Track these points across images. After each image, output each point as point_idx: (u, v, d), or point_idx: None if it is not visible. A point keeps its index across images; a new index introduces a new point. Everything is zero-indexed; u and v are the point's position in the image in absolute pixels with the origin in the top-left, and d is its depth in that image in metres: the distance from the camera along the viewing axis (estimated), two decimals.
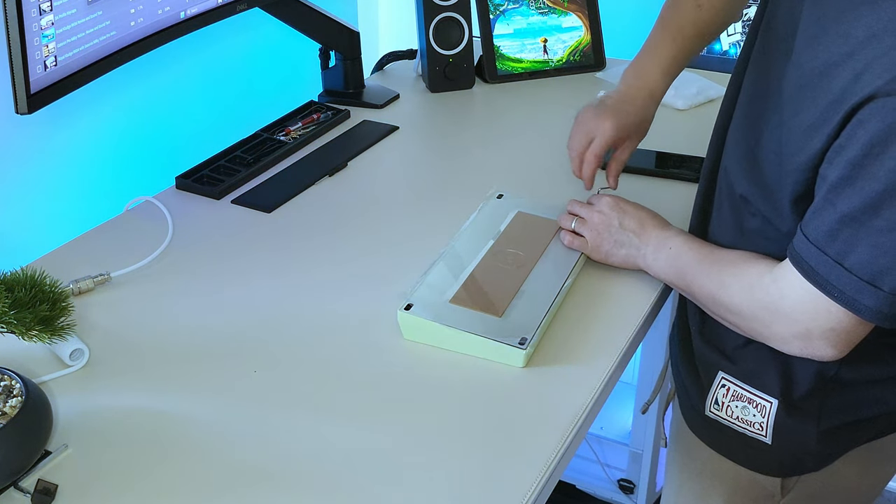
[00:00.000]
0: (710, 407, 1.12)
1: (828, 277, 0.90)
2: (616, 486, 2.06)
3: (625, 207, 1.22)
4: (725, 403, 1.10)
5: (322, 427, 1.00)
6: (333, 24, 1.75)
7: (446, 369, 1.07)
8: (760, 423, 1.08)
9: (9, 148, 1.37)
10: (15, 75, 1.15)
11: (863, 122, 0.84)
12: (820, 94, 0.88)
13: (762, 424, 1.07)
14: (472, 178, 1.50)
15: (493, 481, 0.93)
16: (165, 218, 1.36)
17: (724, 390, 1.10)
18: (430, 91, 1.84)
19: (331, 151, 1.59)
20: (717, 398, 1.11)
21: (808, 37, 0.91)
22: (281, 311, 1.18)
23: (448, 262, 1.20)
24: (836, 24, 0.87)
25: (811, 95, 0.90)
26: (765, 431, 1.08)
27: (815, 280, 0.91)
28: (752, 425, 1.08)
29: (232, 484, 0.92)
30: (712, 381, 1.12)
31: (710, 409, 1.12)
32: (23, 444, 0.89)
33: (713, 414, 1.12)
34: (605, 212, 1.22)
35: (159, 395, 1.04)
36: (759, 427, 1.08)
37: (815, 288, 0.91)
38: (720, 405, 1.11)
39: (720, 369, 1.11)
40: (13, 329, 0.89)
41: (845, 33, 0.86)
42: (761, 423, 1.07)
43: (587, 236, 1.22)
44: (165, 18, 1.39)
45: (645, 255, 1.17)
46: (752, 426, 1.08)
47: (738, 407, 1.09)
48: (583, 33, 1.91)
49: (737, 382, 1.09)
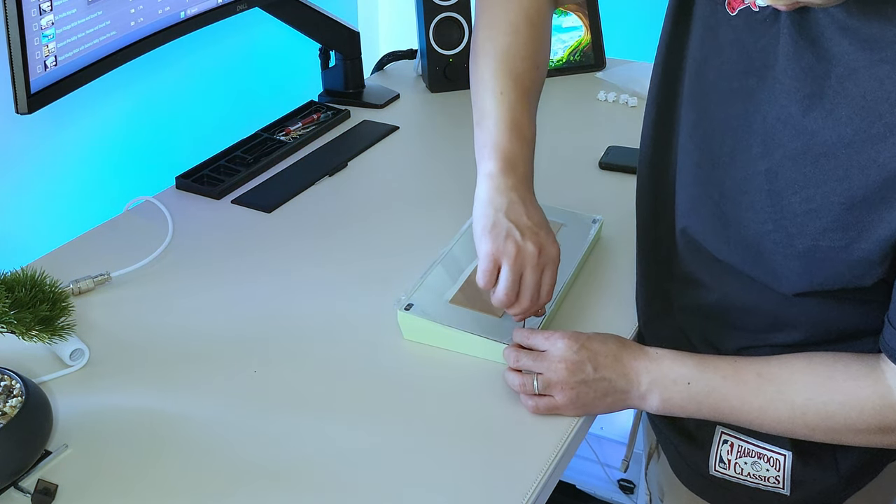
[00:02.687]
0: (716, 466, 1.04)
1: None
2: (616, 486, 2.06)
3: (589, 345, 0.98)
4: (732, 461, 1.02)
5: (322, 426, 1.00)
6: (333, 24, 1.75)
7: (446, 369, 1.07)
8: (776, 476, 1.00)
9: (9, 148, 1.37)
10: (15, 75, 1.15)
11: None
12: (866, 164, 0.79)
13: (778, 478, 1.00)
14: (472, 179, 1.49)
15: (493, 481, 0.93)
16: (165, 218, 1.36)
17: (727, 447, 1.02)
18: (430, 91, 1.84)
19: (331, 151, 1.59)
20: (721, 456, 1.03)
21: None
22: (281, 310, 1.18)
23: (448, 263, 1.20)
24: None
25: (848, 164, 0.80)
26: (782, 484, 1.01)
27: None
28: (766, 480, 1.01)
29: (232, 483, 0.92)
30: (710, 437, 1.03)
31: (715, 468, 1.04)
32: (23, 444, 0.89)
33: (720, 473, 1.04)
34: (569, 359, 0.97)
35: (159, 395, 1.04)
36: (775, 480, 1.01)
37: None
38: (726, 463, 1.03)
39: (717, 424, 1.02)
40: (13, 329, 0.89)
41: None
42: (777, 476, 1.00)
43: (559, 399, 0.98)
44: (165, 18, 1.39)
45: (643, 397, 0.97)
46: (767, 481, 1.01)
47: (747, 463, 1.01)
48: (583, 33, 1.91)
49: (741, 437, 1.01)
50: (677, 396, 0.96)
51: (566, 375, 0.97)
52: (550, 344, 0.99)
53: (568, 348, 0.98)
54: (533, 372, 0.99)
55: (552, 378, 0.98)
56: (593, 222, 1.30)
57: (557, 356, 0.98)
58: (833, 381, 0.90)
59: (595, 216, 1.31)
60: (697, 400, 0.95)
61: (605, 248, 1.29)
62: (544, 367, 0.98)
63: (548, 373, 0.98)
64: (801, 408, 0.90)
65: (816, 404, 0.89)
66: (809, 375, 0.91)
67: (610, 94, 1.77)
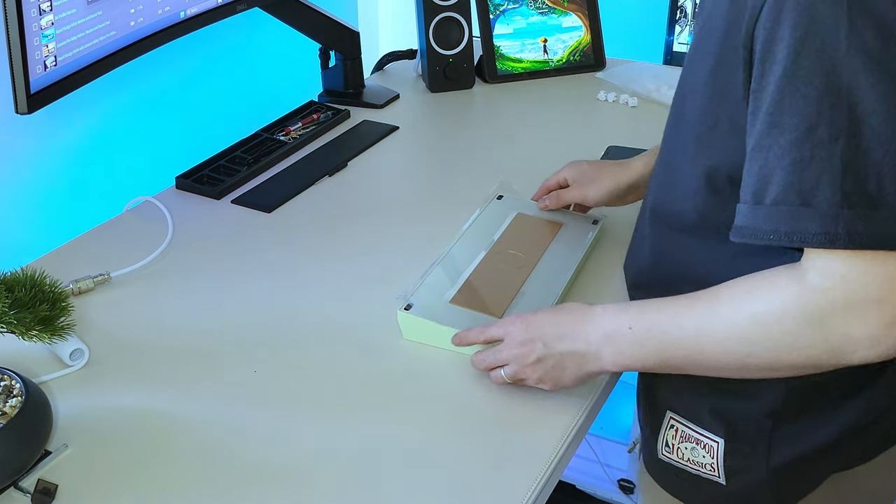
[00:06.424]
0: (662, 450, 1.04)
1: None
2: (616, 486, 2.06)
3: (536, 324, 1.00)
4: (675, 445, 1.02)
5: (322, 426, 1.00)
6: (333, 24, 1.75)
7: (446, 369, 1.07)
8: (711, 464, 1.00)
9: (9, 148, 1.37)
10: (15, 75, 1.16)
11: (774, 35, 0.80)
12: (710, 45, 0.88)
13: (713, 465, 1.00)
14: (472, 179, 1.50)
15: (493, 481, 0.93)
16: (165, 218, 1.36)
17: (672, 431, 1.02)
18: (430, 91, 1.84)
19: (331, 151, 1.59)
20: (668, 440, 1.03)
21: None
22: (281, 310, 1.18)
23: (448, 263, 1.20)
24: None
25: None
26: (717, 472, 1.00)
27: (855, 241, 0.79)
28: (703, 467, 1.00)
29: (232, 483, 0.92)
30: (661, 421, 1.04)
31: (662, 452, 1.04)
32: (23, 444, 0.89)
33: (665, 457, 1.04)
34: (520, 341, 1.00)
35: (159, 394, 1.04)
36: (711, 468, 1.00)
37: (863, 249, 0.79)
38: (671, 447, 1.03)
39: (668, 408, 1.03)
40: (13, 329, 0.89)
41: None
42: (712, 463, 1.00)
43: (531, 382, 1.01)
44: (165, 18, 1.39)
45: (598, 356, 0.96)
46: (704, 468, 1.00)
47: (687, 449, 1.01)
48: (583, 33, 1.91)
49: (683, 422, 1.01)
50: (625, 346, 0.94)
51: (522, 359, 1.00)
52: (504, 332, 1.03)
53: (518, 332, 1.01)
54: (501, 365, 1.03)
55: (515, 366, 1.02)
56: (593, 223, 1.30)
57: (510, 343, 1.02)
58: (752, 280, 0.88)
59: (595, 217, 1.31)
60: (642, 342, 0.93)
61: (605, 248, 1.29)
62: (503, 358, 1.02)
63: (509, 362, 1.02)
64: (730, 318, 0.87)
65: (743, 310, 0.87)
66: (732, 286, 0.89)
67: (610, 94, 1.77)
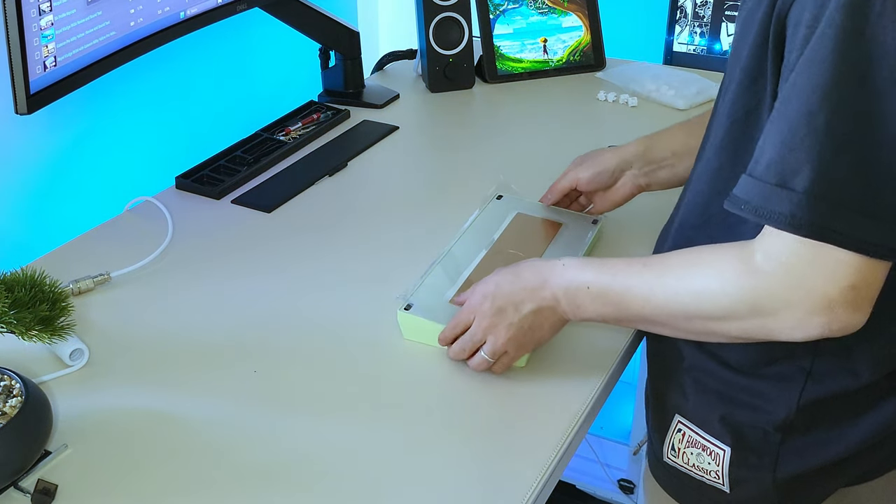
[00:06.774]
0: (668, 453, 1.04)
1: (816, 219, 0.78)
2: (616, 486, 2.06)
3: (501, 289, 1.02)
4: (681, 449, 1.02)
5: (322, 426, 1.00)
6: (333, 24, 1.75)
7: (446, 369, 1.07)
8: (716, 471, 1.00)
9: (9, 148, 1.37)
10: (14, 75, 1.15)
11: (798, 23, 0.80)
12: None
13: (718, 473, 1.00)
14: (471, 179, 1.50)
15: (493, 481, 0.93)
16: (165, 218, 1.36)
17: (679, 435, 1.02)
18: (430, 91, 1.84)
19: (331, 151, 1.59)
20: (674, 444, 1.03)
21: None
22: (281, 310, 1.18)
23: (448, 263, 1.20)
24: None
25: None
26: (721, 480, 1.00)
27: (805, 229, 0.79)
28: (708, 473, 1.00)
29: (231, 483, 0.92)
30: (669, 424, 1.04)
31: (667, 455, 1.04)
32: (23, 444, 0.89)
33: (670, 461, 1.04)
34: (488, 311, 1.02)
35: (159, 394, 1.04)
36: (716, 475, 1.00)
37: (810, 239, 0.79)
38: (676, 451, 1.03)
39: (677, 411, 1.02)
40: (13, 329, 0.89)
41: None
42: (717, 471, 1.00)
43: (512, 352, 1.03)
44: (165, 18, 1.39)
45: (565, 311, 0.99)
46: (709, 475, 1.00)
47: (693, 454, 1.01)
48: (583, 33, 1.91)
49: (691, 427, 1.01)
50: (585, 302, 0.97)
51: (497, 330, 1.01)
52: (471, 311, 1.04)
53: (486, 307, 1.02)
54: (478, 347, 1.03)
55: (492, 340, 1.02)
56: (593, 223, 1.30)
57: (482, 318, 1.02)
58: (700, 253, 0.89)
59: (595, 217, 1.31)
60: (601, 301, 0.96)
61: (605, 248, 1.29)
62: (479, 336, 1.03)
63: (485, 338, 1.03)
64: (673, 288, 0.89)
65: (685, 281, 0.89)
66: (682, 255, 0.92)
67: (610, 94, 1.77)
